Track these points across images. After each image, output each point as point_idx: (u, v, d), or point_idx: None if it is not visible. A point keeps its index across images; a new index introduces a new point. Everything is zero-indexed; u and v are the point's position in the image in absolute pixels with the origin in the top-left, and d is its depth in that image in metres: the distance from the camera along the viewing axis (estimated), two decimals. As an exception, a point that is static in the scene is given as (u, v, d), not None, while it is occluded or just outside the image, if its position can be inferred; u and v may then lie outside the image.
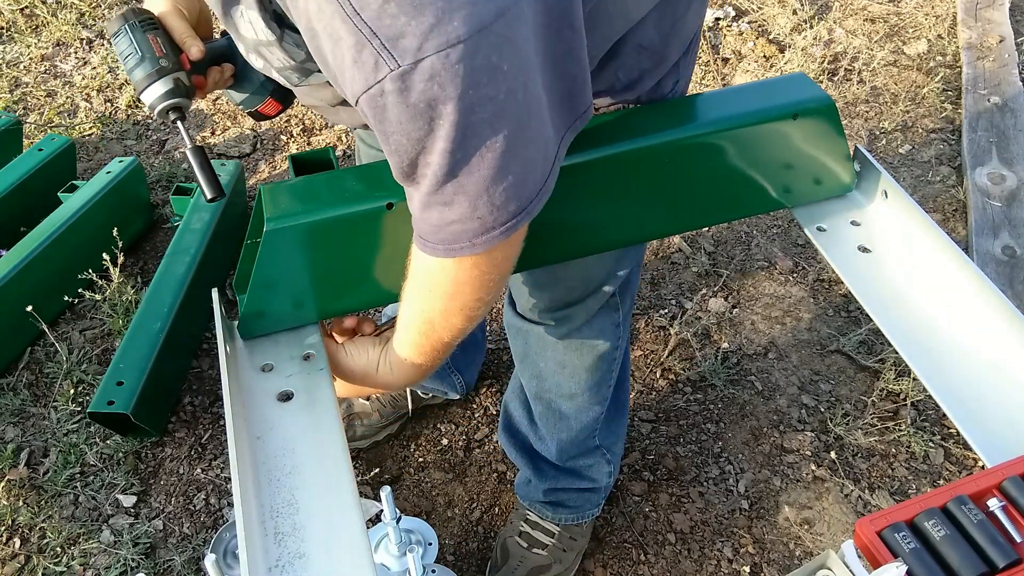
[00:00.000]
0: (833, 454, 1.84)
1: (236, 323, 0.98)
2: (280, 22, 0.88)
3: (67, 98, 2.77)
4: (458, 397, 1.90)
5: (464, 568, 1.69)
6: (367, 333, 1.04)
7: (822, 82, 2.79)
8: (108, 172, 2.23)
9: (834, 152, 1.09)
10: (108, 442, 1.85)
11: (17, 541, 1.70)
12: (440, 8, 0.66)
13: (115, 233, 2.05)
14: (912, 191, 2.43)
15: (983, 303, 0.96)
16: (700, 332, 2.08)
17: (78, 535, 1.71)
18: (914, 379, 1.92)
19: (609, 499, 1.78)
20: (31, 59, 2.92)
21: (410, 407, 1.87)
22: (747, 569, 1.68)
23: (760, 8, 3.13)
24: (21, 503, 1.76)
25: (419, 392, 1.87)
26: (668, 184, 1.05)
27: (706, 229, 2.35)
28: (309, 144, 2.62)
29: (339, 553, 0.78)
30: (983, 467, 0.83)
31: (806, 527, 1.74)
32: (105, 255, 2.01)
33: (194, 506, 1.77)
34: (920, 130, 2.65)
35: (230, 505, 1.76)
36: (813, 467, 1.82)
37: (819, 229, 1.10)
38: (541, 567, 1.61)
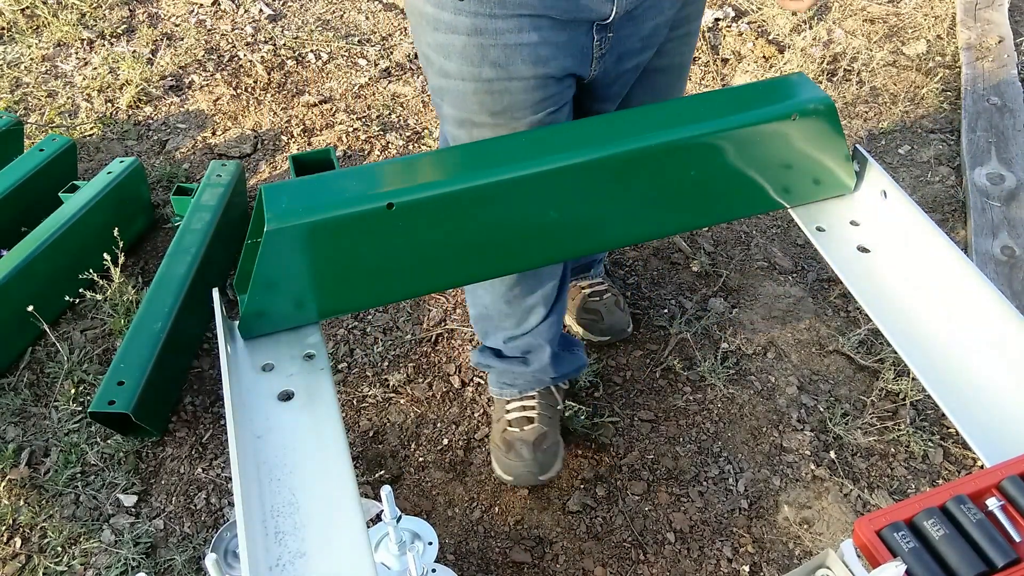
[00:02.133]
0: (832, 454, 1.84)
1: (237, 323, 0.98)
2: None
3: (68, 98, 2.77)
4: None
5: (464, 567, 1.69)
6: None
7: (821, 82, 2.80)
8: (109, 172, 2.23)
9: (833, 152, 1.09)
10: (109, 442, 1.86)
11: (18, 541, 1.71)
12: None
13: (116, 233, 2.06)
14: (911, 191, 2.44)
15: (982, 303, 0.96)
16: (700, 332, 2.09)
17: (79, 535, 1.71)
18: (913, 379, 1.92)
19: (609, 498, 1.79)
20: (32, 59, 2.92)
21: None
22: (746, 568, 1.68)
23: (760, 8, 3.13)
24: (22, 503, 1.76)
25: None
26: (668, 184, 1.05)
27: (706, 229, 2.35)
28: (309, 144, 2.63)
29: (339, 552, 0.78)
30: (982, 466, 0.83)
31: (805, 526, 1.74)
32: (106, 255, 2.02)
33: (195, 505, 1.77)
34: (919, 130, 2.66)
35: (231, 504, 1.77)
36: (812, 466, 1.83)
37: (818, 229, 1.10)
38: None
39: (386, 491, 1.12)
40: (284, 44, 2.99)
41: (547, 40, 1.18)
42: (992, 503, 0.75)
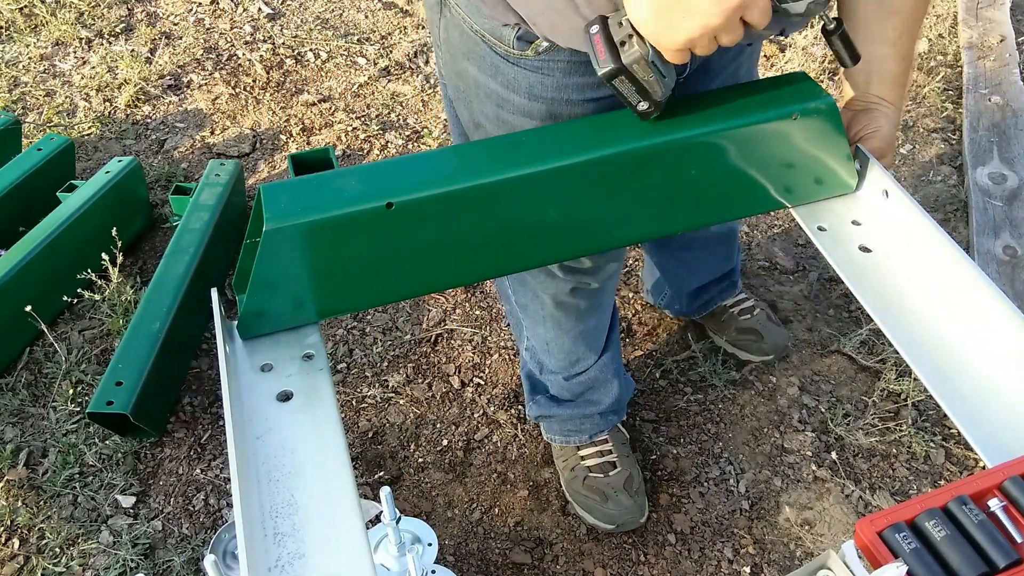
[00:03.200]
0: (834, 454, 1.84)
1: (235, 323, 0.98)
2: None
3: (66, 98, 2.77)
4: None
5: (464, 568, 1.69)
6: None
7: (823, 82, 2.79)
8: (107, 172, 2.23)
9: (835, 152, 1.08)
10: (107, 442, 1.85)
11: (16, 542, 1.70)
12: None
13: (114, 233, 2.05)
14: (913, 191, 2.43)
15: (984, 303, 0.96)
16: (700, 332, 2.08)
17: (77, 536, 1.71)
18: (915, 379, 1.92)
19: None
20: (30, 58, 2.92)
21: None
22: (747, 569, 1.68)
23: (760, 8, 3.12)
24: (20, 503, 1.75)
25: None
26: (669, 183, 1.05)
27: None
28: (309, 144, 2.62)
29: (339, 553, 0.78)
30: (984, 467, 0.83)
31: (806, 527, 1.74)
32: (104, 255, 2.01)
33: (193, 506, 1.76)
34: (921, 130, 2.65)
35: (229, 505, 1.76)
36: (814, 467, 1.82)
37: (820, 229, 1.10)
38: None
39: (385, 492, 1.12)
40: (283, 43, 2.98)
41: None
42: (994, 504, 0.75)
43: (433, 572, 1.32)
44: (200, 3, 3.18)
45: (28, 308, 1.92)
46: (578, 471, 1.75)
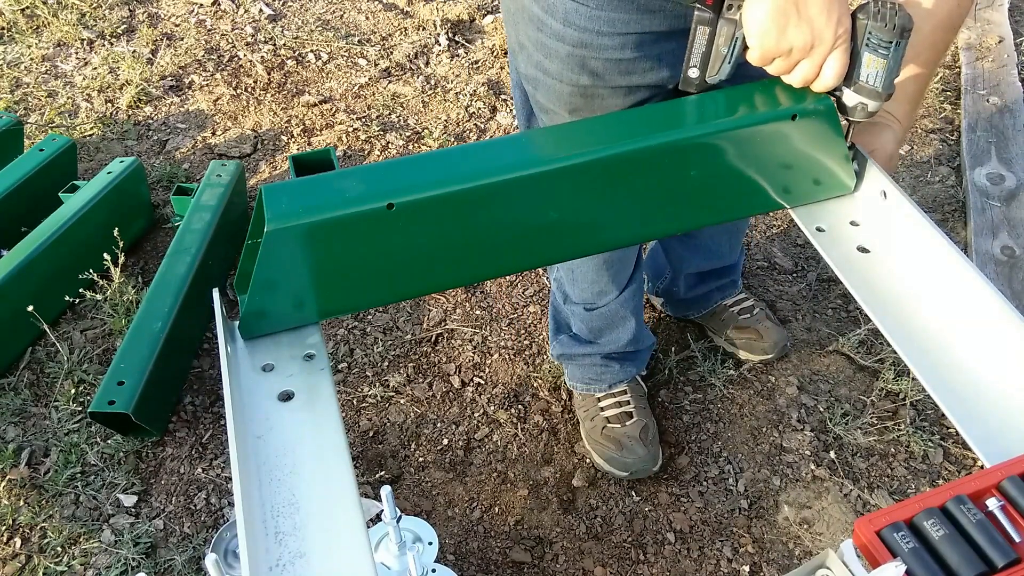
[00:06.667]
0: (832, 454, 1.84)
1: (237, 323, 0.98)
2: None
3: (68, 98, 2.77)
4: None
5: (464, 567, 1.69)
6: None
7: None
8: (109, 172, 2.23)
9: (833, 153, 1.09)
10: (109, 442, 1.86)
11: (18, 541, 1.71)
12: None
13: (116, 233, 2.06)
14: (911, 191, 2.44)
15: (982, 303, 0.96)
16: (700, 332, 2.08)
17: (79, 535, 1.71)
18: (913, 379, 1.92)
19: (608, 499, 1.79)
20: (32, 59, 2.92)
21: None
22: (746, 568, 1.68)
23: (760, 8, 3.13)
24: (22, 503, 1.76)
25: None
26: (668, 184, 1.05)
27: (706, 229, 2.35)
28: (310, 144, 2.63)
29: (339, 552, 0.78)
30: (982, 467, 0.83)
31: (805, 526, 1.74)
32: (106, 255, 2.02)
33: (195, 505, 1.77)
34: (919, 130, 2.66)
35: (231, 504, 1.77)
36: (812, 467, 1.83)
37: (818, 229, 1.10)
38: None
39: (386, 491, 1.12)
40: (284, 44, 2.99)
41: (647, 55, 1.22)
42: (992, 503, 0.75)
43: (434, 571, 1.33)
44: (201, 4, 3.19)
45: (30, 308, 1.93)
46: (597, 420, 1.82)
